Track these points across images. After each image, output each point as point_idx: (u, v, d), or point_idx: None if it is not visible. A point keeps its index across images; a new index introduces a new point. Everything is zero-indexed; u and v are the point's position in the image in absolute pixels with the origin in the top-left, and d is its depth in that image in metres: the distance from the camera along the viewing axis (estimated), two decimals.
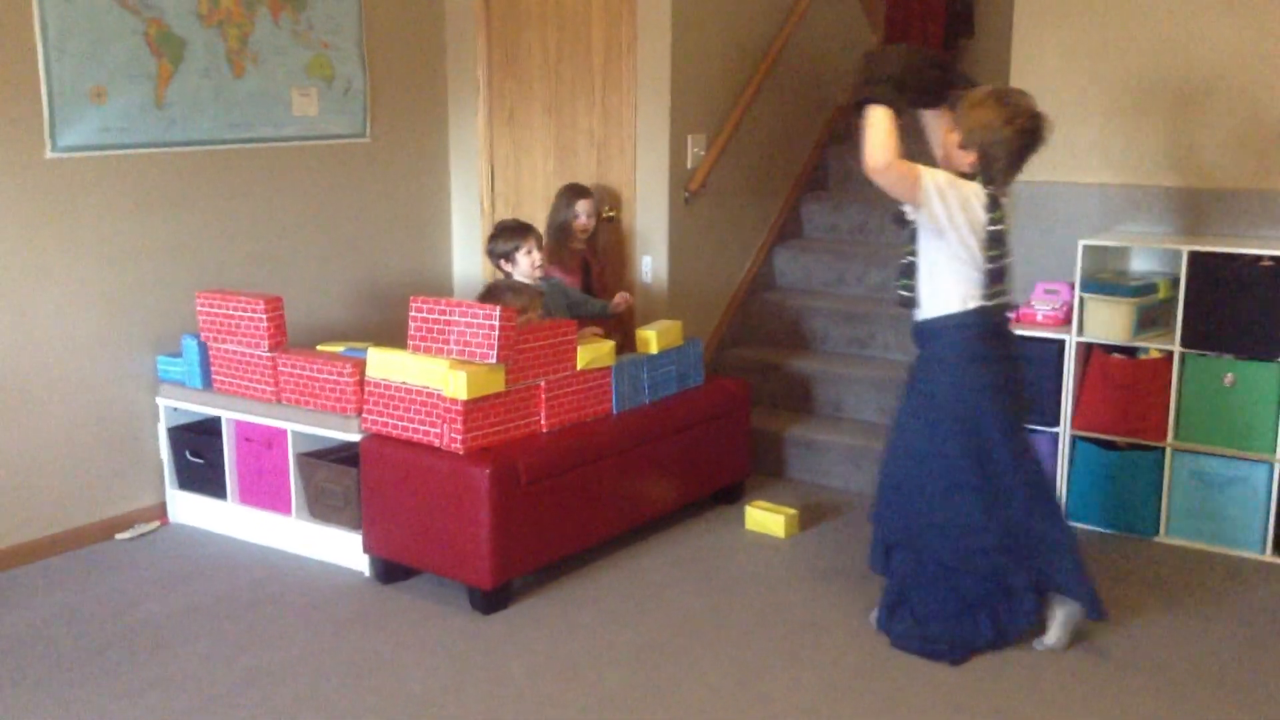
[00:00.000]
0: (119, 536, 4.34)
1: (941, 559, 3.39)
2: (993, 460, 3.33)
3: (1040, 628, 3.42)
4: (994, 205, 3.22)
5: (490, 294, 4.18)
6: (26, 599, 3.83)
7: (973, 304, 3.28)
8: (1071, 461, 4.39)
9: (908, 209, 3.31)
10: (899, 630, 3.43)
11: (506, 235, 4.49)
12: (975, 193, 3.21)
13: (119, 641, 3.52)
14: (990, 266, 3.24)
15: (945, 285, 3.31)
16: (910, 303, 3.41)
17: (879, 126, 3.13)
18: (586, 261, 4.95)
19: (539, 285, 4.44)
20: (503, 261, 4.46)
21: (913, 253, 3.37)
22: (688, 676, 3.30)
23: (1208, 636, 3.55)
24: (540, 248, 4.50)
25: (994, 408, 3.32)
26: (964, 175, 3.27)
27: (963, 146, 3.25)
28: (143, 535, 4.38)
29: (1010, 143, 3.18)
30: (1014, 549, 3.37)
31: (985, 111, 3.21)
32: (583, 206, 4.85)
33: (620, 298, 4.75)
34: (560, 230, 4.86)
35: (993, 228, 3.22)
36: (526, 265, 4.43)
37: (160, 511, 4.51)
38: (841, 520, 4.48)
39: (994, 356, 3.33)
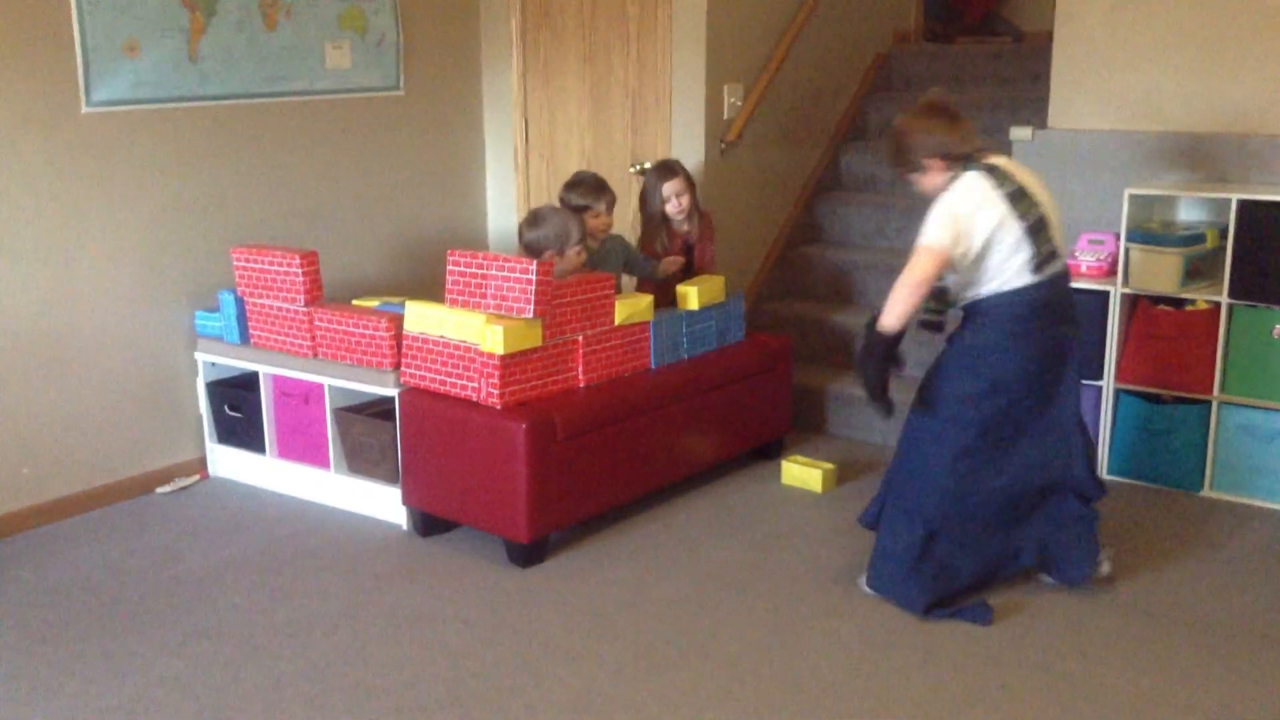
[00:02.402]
0: (159, 490, 4.38)
1: (928, 518, 3.34)
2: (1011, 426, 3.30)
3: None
4: (992, 171, 3.22)
5: (552, 217, 4.04)
6: (69, 552, 3.88)
7: (1026, 278, 3.23)
8: (1115, 415, 4.33)
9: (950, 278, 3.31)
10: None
11: (582, 190, 4.35)
12: (973, 187, 3.20)
13: (160, 594, 3.56)
14: (1026, 224, 3.19)
15: (992, 270, 3.26)
16: (939, 326, 3.39)
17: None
18: (688, 245, 4.64)
19: (598, 242, 4.34)
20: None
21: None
22: (723, 630, 3.30)
23: (1251, 591, 3.50)
24: (611, 210, 4.37)
25: (1031, 375, 3.28)
26: (949, 185, 3.26)
27: (928, 169, 3.30)
28: (183, 489, 4.42)
29: (942, 131, 3.26)
30: (1008, 516, 3.36)
31: (908, 134, 3.30)
32: (670, 188, 4.48)
33: (669, 260, 4.50)
34: (652, 220, 4.55)
35: (1004, 190, 3.19)
36: (594, 225, 4.33)
37: (200, 465, 4.54)
38: (879, 475, 4.41)
39: (1039, 326, 3.27)
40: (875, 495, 3.58)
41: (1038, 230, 3.20)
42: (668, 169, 4.55)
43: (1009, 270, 3.21)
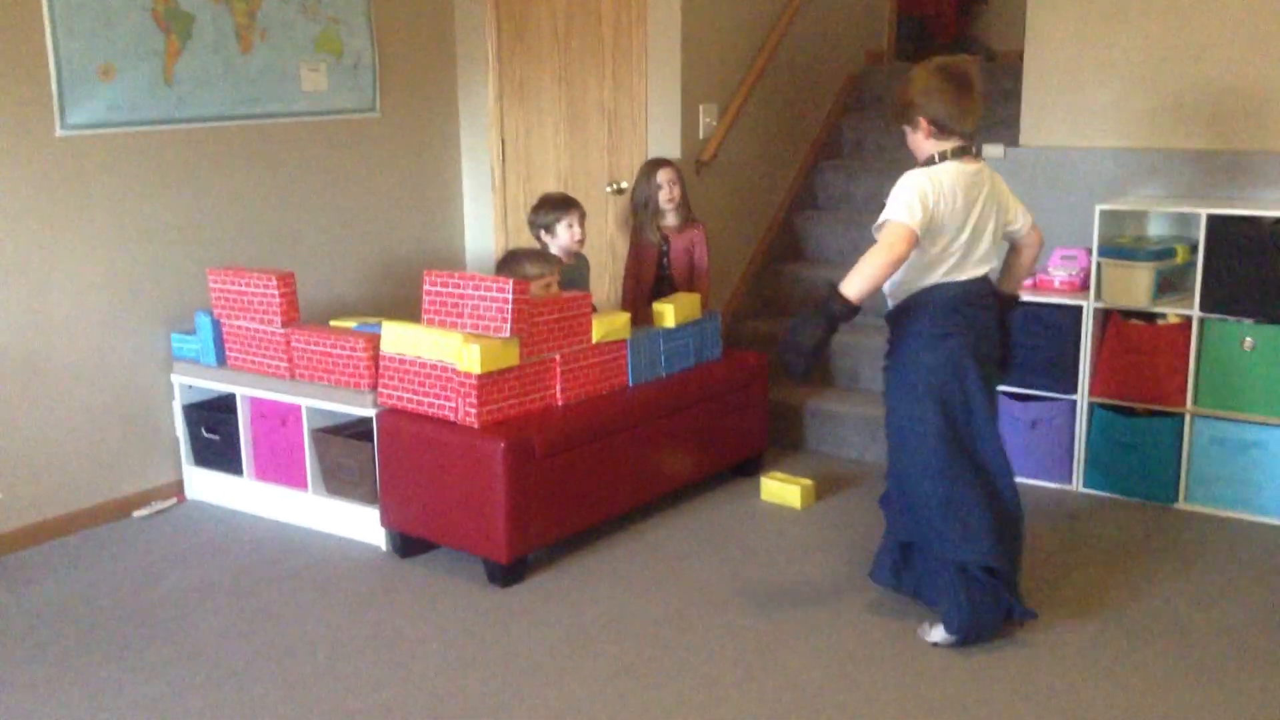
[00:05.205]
0: (136, 514, 4.35)
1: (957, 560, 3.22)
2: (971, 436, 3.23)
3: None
4: (963, 168, 3.16)
5: (509, 261, 4.15)
6: (45, 577, 3.85)
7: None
8: (1090, 428, 4.36)
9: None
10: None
11: (549, 207, 4.46)
12: (945, 175, 3.14)
13: (137, 618, 3.54)
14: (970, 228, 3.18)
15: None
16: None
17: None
18: (664, 252, 4.69)
19: (571, 259, 4.41)
20: (543, 232, 4.45)
21: None
22: (704, 648, 3.30)
23: (1228, 603, 3.53)
24: (582, 223, 4.45)
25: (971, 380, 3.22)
26: (935, 160, 3.18)
27: (915, 124, 3.20)
28: (160, 512, 4.39)
29: (939, 91, 3.14)
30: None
31: (909, 84, 3.19)
32: (665, 175, 4.62)
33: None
34: (644, 208, 4.65)
35: (969, 192, 3.14)
36: (566, 238, 4.41)
37: (177, 488, 4.52)
38: (857, 490, 4.46)
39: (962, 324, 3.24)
40: (883, 549, 3.47)
41: (976, 238, 3.20)
42: (661, 159, 4.70)
43: (941, 266, 3.18)
